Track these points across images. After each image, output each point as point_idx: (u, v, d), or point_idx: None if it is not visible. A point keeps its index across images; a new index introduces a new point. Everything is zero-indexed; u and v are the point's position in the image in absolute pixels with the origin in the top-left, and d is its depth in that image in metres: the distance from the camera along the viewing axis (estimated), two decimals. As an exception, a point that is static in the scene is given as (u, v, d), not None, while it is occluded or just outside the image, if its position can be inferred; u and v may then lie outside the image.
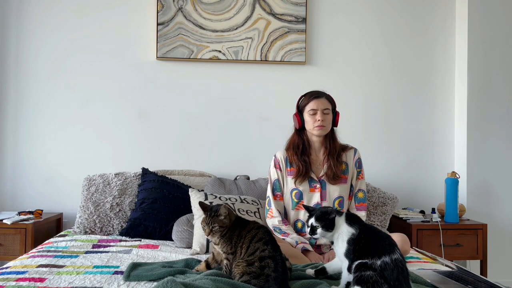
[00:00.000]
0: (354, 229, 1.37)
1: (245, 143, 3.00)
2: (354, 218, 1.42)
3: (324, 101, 2.09)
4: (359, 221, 1.41)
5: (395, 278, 1.26)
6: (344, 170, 2.14)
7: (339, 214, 1.43)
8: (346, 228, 1.39)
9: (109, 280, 1.59)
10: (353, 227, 1.37)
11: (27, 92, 2.92)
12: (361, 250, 1.32)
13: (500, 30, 3.03)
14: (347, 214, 1.43)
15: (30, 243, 2.49)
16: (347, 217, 1.42)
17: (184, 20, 2.93)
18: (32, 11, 2.92)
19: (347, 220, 1.40)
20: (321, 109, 2.07)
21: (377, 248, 1.30)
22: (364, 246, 1.32)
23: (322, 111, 2.07)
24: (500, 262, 2.96)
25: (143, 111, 2.96)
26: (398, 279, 1.26)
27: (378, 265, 1.27)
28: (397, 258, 1.29)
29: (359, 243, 1.34)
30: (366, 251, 1.31)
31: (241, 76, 3.01)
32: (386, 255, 1.28)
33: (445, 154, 3.11)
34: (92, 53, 2.94)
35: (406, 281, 1.29)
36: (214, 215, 1.54)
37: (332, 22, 3.06)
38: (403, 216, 2.79)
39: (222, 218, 1.54)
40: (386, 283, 1.25)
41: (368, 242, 1.33)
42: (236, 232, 1.53)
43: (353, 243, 1.35)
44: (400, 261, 1.29)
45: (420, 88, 3.11)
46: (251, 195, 2.53)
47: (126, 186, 2.63)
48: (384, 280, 1.25)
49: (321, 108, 2.07)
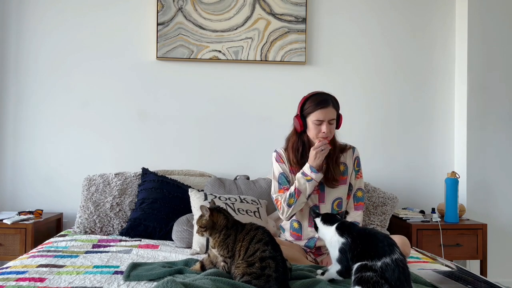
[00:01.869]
0: (344, 239, 1.40)
1: (245, 143, 3.00)
2: (346, 227, 1.45)
3: (331, 111, 1.97)
4: (350, 230, 1.42)
5: (396, 278, 1.26)
6: (343, 171, 2.10)
7: (332, 222, 1.47)
8: (336, 238, 1.43)
9: (109, 280, 1.59)
10: (343, 237, 1.41)
11: (27, 92, 2.92)
12: (359, 254, 1.34)
13: (500, 29, 3.03)
14: (339, 223, 1.47)
15: (30, 243, 2.49)
16: (338, 226, 1.45)
17: (184, 20, 2.93)
18: (32, 11, 2.92)
19: (337, 230, 1.44)
20: (328, 120, 1.96)
21: (376, 250, 1.31)
22: (362, 250, 1.34)
23: (328, 121, 1.96)
24: (500, 262, 2.96)
25: (143, 111, 2.96)
26: (399, 279, 1.26)
27: (379, 266, 1.27)
28: (397, 258, 1.29)
29: (356, 249, 1.36)
30: (365, 254, 1.32)
31: (241, 76, 3.01)
32: (387, 256, 1.29)
33: (445, 154, 3.11)
34: (92, 53, 2.94)
35: (407, 281, 1.29)
36: (201, 215, 1.59)
37: (332, 22, 3.06)
38: (403, 216, 2.79)
39: (204, 218, 1.58)
40: (387, 283, 1.25)
41: (367, 246, 1.34)
42: (231, 237, 1.53)
43: (345, 252, 1.38)
44: (401, 260, 1.30)
45: (420, 88, 3.11)
46: (251, 195, 2.53)
47: (126, 186, 2.63)
48: (385, 281, 1.25)
49: (327, 119, 1.96)
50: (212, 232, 1.57)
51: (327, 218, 1.54)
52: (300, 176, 1.97)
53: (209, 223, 1.57)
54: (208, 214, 1.58)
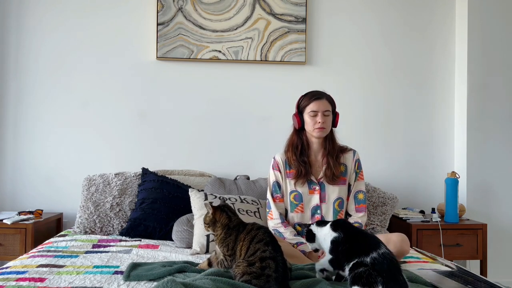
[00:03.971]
0: (337, 233, 1.50)
1: (245, 143, 3.00)
2: (340, 224, 1.55)
3: (325, 103, 2.09)
4: (343, 227, 1.52)
5: (386, 269, 1.31)
6: (343, 172, 2.13)
7: (326, 223, 1.56)
8: (330, 233, 1.52)
9: (109, 280, 1.59)
10: (336, 232, 1.50)
11: (27, 92, 2.92)
12: (348, 251, 1.41)
13: (500, 30, 3.03)
14: (334, 221, 1.57)
15: (30, 243, 2.49)
16: (332, 223, 1.55)
17: (184, 20, 2.93)
18: (32, 11, 2.92)
19: (331, 226, 1.53)
20: (322, 110, 2.06)
21: (363, 247, 1.38)
22: (350, 247, 1.42)
23: (322, 112, 2.06)
24: (500, 262, 2.96)
25: (143, 111, 2.96)
26: (390, 270, 1.31)
27: (369, 261, 1.33)
28: (384, 252, 1.35)
29: (348, 243, 1.44)
30: (355, 251, 1.38)
31: (241, 76, 3.01)
32: (373, 251, 1.35)
33: (445, 154, 3.11)
34: (92, 53, 2.94)
35: (398, 271, 1.33)
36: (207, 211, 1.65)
37: (332, 22, 3.06)
38: (403, 216, 2.79)
39: (208, 215, 1.63)
40: (379, 275, 1.29)
41: (354, 242, 1.43)
42: (232, 237, 1.56)
43: (337, 243, 1.48)
44: (387, 253, 1.36)
45: (420, 88, 3.11)
46: (251, 195, 2.53)
47: (126, 186, 2.63)
48: (377, 273, 1.30)
49: (322, 109, 2.06)
50: (214, 229, 1.62)
51: (321, 222, 1.62)
52: (292, 238, 2.06)
53: (212, 220, 1.62)
54: (211, 212, 1.62)
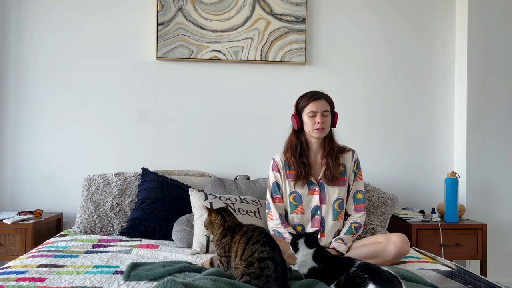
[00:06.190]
0: (316, 264, 1.55)
1: (245, 143, 3.00)
2: (320, 254, 1.58)
3: (323, 103, 2.07)
4: (323, 259, 1.56)
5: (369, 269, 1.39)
6: (342, 172, 2.13)
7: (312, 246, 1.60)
8: (310, 260, 1.57)
9: (109, 280, 1.59)
10: (316, 262, 1.55)
11: (27, 92, 2.92)
12: (325, 279, 1.49)
13: (499, 30, 3.03)
14: (316, 250, 1.59)
15: (30, 243, 2.49)
16: (315, 251, 1.58)
17: (184, 20, 2.93)
18: (32, 11, 2.92)
19: (314, 254, 1.57)
20: (321, 111, 2.05)
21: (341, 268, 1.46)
22: (325, 276, 1.50)
23: (321, 113, 2.05)
24: (500, 262, 2.96)
25: (143, 111, 2.96)
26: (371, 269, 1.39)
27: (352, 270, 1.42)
28: (360, 263, 1.43)
29: (320, 275, 1.52)
30: (331, 277, 1.47)
31: (241, 76, 3.01)
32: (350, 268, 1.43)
33: (445, 154, 3.11)
34: (92, 53, 2.94)
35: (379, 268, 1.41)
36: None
37: (332, 22, 3.06)
38: (403, 216, 2.79)
39: (206, 217, 1.68)
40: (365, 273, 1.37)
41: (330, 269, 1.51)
42: (227, 238, 1.58)
43: (313, 273, 1.54)
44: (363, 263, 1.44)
45: (420, 87, 3.11)
46: (251, 195, 2.53)
47: (126, 186, 2.63)
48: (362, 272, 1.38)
49: (320, 110, 2.05)
50: (213, 231, 1.65)
51: (311, 239, 1.61)
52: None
53: (209, 222, 1.66)
54: (207, 213, 1.67)
